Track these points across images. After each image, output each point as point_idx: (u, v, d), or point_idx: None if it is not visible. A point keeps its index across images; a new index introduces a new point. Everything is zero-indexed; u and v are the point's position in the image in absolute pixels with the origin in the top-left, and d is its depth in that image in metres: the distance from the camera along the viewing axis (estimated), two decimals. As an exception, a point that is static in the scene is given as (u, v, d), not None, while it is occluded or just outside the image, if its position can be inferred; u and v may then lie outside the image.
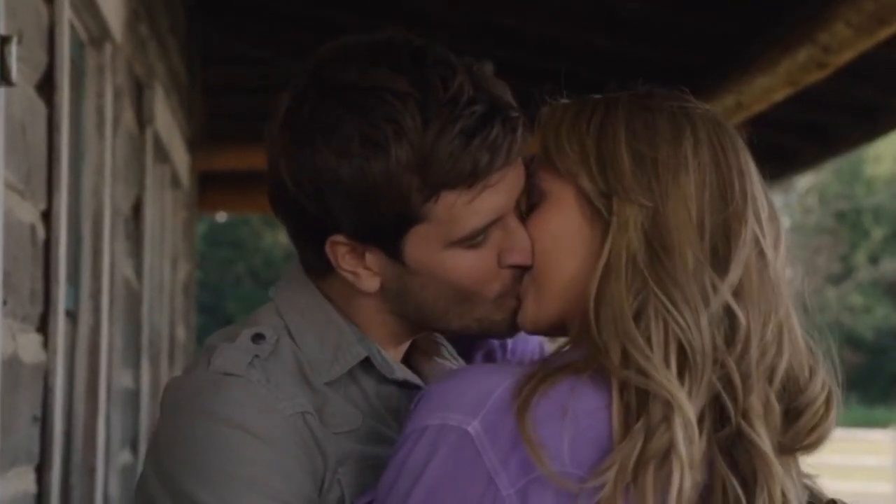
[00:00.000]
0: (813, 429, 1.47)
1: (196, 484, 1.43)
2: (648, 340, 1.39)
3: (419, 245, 1.49)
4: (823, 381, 1.48)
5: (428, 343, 1.64)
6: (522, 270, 1.53)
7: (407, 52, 1.48)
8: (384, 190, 1.45)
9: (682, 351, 1.40)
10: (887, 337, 33.59)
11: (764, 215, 1.49)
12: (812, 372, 1.47)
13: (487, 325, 1.56)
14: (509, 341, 1.78)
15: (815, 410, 1.47)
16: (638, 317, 1.40)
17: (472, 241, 1.49)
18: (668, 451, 1.36)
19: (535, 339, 1.80)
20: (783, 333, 1.46)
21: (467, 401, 1.38)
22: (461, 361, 1.67)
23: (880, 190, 33.96)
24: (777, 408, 1.44)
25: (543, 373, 1.39)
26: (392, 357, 1.57)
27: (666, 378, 1.38)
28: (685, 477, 1.36)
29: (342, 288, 1.55)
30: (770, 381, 1.44)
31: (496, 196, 1.49)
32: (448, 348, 1.67)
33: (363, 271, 1.51)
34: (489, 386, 1.39)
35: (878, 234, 33.85)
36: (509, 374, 1.40)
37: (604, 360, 1.39)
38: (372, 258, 1.50)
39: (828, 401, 1.48)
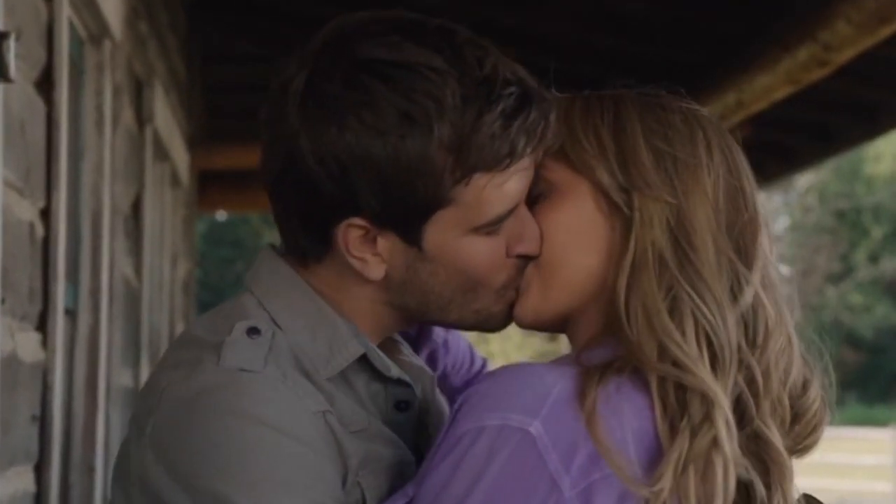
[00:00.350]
0: (811, 431, 1.49)
1: (230, 486, 1.34)
2: (683, 336, 1.40)
3: (441, 230, 1.45)
4: (816, 385, 1.50)
5: (390, 342, 1.59)
6: (526, 261, 1.51)
7: (433, 29, 1.44)
8: (417, 170, 1.40)
9: (711, 348, 1.40)
10: (887, 336, 33.60)
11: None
12: (807, 377, 1.49)
13: (484, 317, 1.53)
14: (450, 342, 1.77)
15: (814, 413, 1.49)
16: (671, 313, 1.41)
17: (493, 227, 1.46)
18: (711, 449, 1.36)
19: (465, 342, 1.80)
20: (791, 337, 1.47)
21: (526, 401, 1.35)
22: (418, 359, 1.65)
23: (880, 189, 33.96)
24: (788, 410, 1.45)
25: (598, 374, 1.37)
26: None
27: (704, 373, 1.38)
28: (729, 474, 1.37)
29: (332, 276, 1.50)
30: (784, 383, 1.45)
31: (522, 181, 1.46)
32: (406, 346, 1.63)
33: (372, 258, 1.46)
34: (545, 386, 1.37)
35: (877, 232, 33.85)
36: (560, 374, 1.38)
37: (639, 355, 1.39)
38: (384, 243, 1.45)
39: (821, 405, 1.50)
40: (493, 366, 1.68)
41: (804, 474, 1.55)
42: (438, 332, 1.77)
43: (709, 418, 1.36)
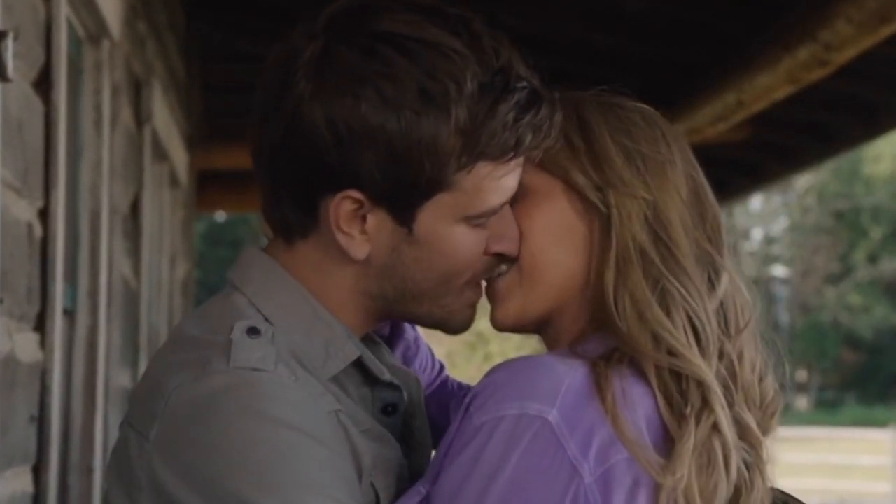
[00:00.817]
0: (773, 415, 1.52)
1: (252, 487, 1.31)
2: (674, 324, 1.44)
3: (434, 215, 1.44)
4: (771, 373, 1.54)
5: (372, 346, 1.58)
6: (496, 262, 1.52)
7: (452, 14, 1.43)
8: (427, 150, 1.40)
9: (697, 337, 1.45)
10: (886, 336, 33.63)
11: None
12: (763, 364, 1.53)
13: (448, 313, 1.52)
14: (419, 340, 1.77)
15: (771, 399, 1.52)
16: (660, 305, 1.44)
17: (483, 219, 1.47)
18: (711, 435, 1.39)
19: (426, 343, 1.81)
20: (755, 330, 1.52)
21: (542, 390, 1.37)
22: (399, 361, 1.64)
23: (879, 189, 34.00)
24: (759, 395, 1.49)
25: (604, 366, 1.40)
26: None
27: (698, 360, 1.42)
28: (731, 458, 1.40)
29: (316, 258, 1.48)
30: (753, 368, 1.49)
31: (516, 178, 1.48)
32: (387, 350, 1.62)
33: (359, 235, 1.44)
34: (558, 376, 1.39)
35: (876, 233, 33.91)
36: (570, 365, 1.41)
37: (634, 346, 1.43)
38: (374, 222, 1.44)
39: (776, 392, 1.54)
40: (487, 367, 1.68)
41: (803, 475, 1.56)
42: (409, 332, 1.76)
43: (707, 404, 1.40)
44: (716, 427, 1.39)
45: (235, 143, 8.27)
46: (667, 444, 1.39)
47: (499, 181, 1.44)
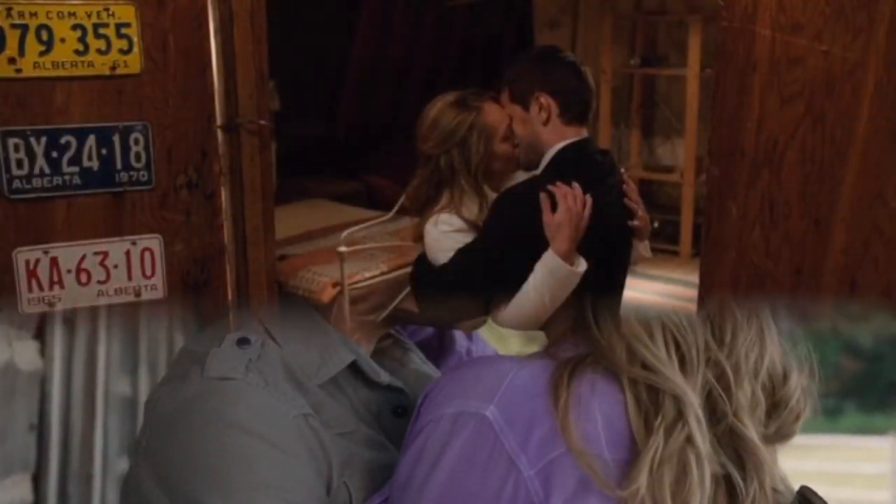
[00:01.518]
0: (795, 420, 1.55)
1: (207, 490, 1.39)
2: (652, 339, 1.45)
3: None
4: (797, 374, 1.56)
5: (400, 351, 1.63)
6: None
7: None
8: None
9: (679, 350, 1.46)
10: (886, 344, 33.67)
11: None
12: (788, 367, 1.55)
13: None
14: (474, 350, 1.80)
15: (796, 401, 1.54)
16: (639, 319, 1.47)
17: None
18: (685, 447, 1.41)
19: (492, 349, 1.83)
20: (763, 332, 1.52)
21: (482, 388, 1.41)
22: (431, 367, 1.67)
23: (878, 197, 34.01)
24: (762, 401, 1.51)
25: (570, 368, 1.42)
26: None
27: (673, 374, 1.43)
28: (704, 469, 1.41)
29: None
30: (755, 376, 1.50)
31: None
32: (418, 354, 1.66)
33: None
34: (500, 373, 1.42)
35: (876, 241, 33.90)
36: (518, 363, 1.44)
37: (609, 356, 1.45)
38: None
39: (802, 394, 1.56)
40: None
41: (802, 482, 1.57)
42: (461, 343, 1.80)
43: (681, 417, 1.42)
44: (689, 439, 1.41)
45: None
46: (632, 450, 1.42)
47: None
